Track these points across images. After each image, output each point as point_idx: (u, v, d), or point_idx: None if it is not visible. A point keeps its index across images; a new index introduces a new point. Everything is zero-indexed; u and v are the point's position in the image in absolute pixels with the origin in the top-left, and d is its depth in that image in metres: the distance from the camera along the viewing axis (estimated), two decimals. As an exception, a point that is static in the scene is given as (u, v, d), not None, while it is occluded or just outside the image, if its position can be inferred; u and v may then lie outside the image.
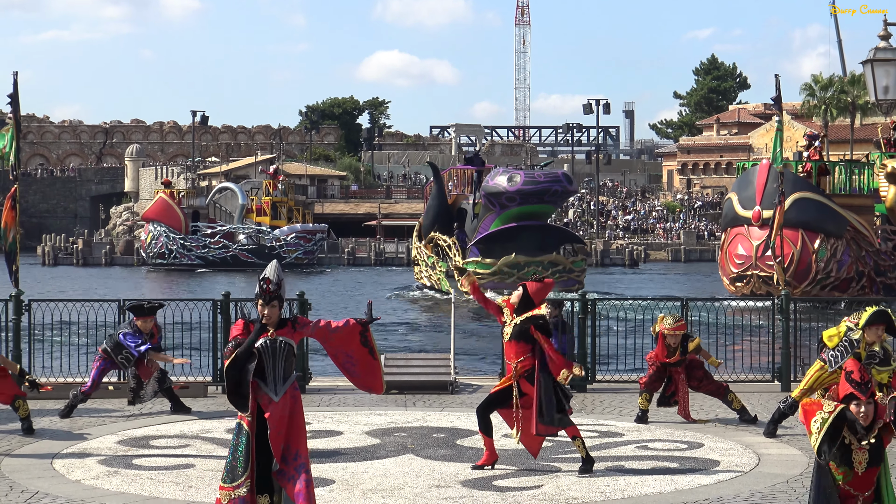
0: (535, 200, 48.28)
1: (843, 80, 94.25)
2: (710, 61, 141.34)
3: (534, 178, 49.06)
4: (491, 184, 48.91)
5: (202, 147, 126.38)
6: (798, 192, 41.02)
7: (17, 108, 16.96)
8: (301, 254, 76.79)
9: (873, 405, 7.42)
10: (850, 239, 42.32)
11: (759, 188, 41.88)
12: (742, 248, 42.72)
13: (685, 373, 14.22)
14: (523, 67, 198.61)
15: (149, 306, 14.78)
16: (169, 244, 76.58)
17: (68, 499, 10.21)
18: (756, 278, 41.93)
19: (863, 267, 42.26)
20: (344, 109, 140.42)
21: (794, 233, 41.03)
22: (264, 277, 8.67)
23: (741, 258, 42.66)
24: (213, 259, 76.62)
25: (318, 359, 25.18)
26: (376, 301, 51.07)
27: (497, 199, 48.52)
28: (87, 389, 14.55)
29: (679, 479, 11.07)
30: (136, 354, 14.33)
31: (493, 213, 49.17)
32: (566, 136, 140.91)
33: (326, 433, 13.23)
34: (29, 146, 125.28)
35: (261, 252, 76.35)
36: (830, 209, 41.75)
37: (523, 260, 47.67)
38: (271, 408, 8.48)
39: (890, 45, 14.72)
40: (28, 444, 12.68)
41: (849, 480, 7.48)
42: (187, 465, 11.64)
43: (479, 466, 11.48)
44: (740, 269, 42.64)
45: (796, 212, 40.43)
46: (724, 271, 44.72)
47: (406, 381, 16.79)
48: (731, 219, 43.80)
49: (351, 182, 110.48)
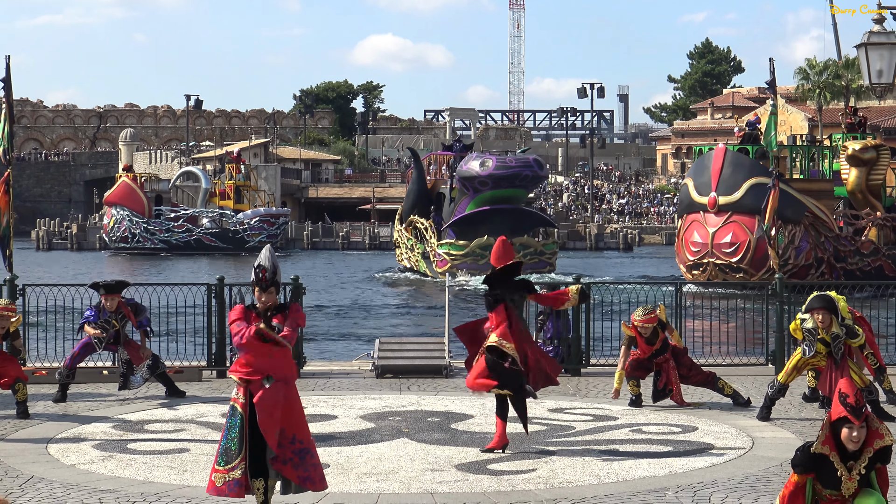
0: (506, 185, 50.06)
1: (838, 64, 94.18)
2: (705, 45, 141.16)
3: (505, 163, 50.93)
4: (464, 168, 50.80)
5: (196, 131, 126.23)
6: (754, 177, 40.32)
7: (9, 93, 16.90)
8: (265, 237, 76.89)
9: (865, 429, 7.37)
10: (808, 225, 41.41)
11: (715, 174, 41.21)
12: (698, 235, 41.87)
13: (673, 359, 14.12)
14: (517, 51, 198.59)
15: (108, 283, 14.78)
16: (132, 228, 76.61)
17: (63, 483, 10.22)
18: (712, 266, 41.21)
19: (822, 253, 41.30)
20: (338, 93, 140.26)
21: (751, 219, 40.16)
22: (259, 265, 8.63)
23: (697, 245, 41.85)
24: (177, 243, 76.71)
25: (312, 343, 25.20)
26: (358, 282, 52.51)
27: (470, 183, 50.44)
28: (68, 363, 14.61)
29: (673, 463, 11.09)
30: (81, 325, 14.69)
31: (467, 196, 51.09)
32: (560, 119, 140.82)
33: (321, 417, 13.24)
34: (23, 130, 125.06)
35: (224, 236, 76.77)
36: (788, 194, 40.04)
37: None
38: (261, 393, 8.48)
39: (884, 28, 14.72)
40: (22, 429, 12.68)
41: (835, 499, 7.47)
42: (182, 449, 11.64)
43: (489, 450, 11.50)
44: (696, 257, 41.86)
45: (753, 198, 39.18)
46: (680, 259, 43.96)
47: (400, 366, 16.80)
48: (687, 205, 43.00)
49: (345, 166, 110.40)
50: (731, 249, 40.87)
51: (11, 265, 17.04)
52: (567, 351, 16.89)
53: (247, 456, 8.47)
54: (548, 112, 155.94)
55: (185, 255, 72.83)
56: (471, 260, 49.97)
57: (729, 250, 40.92)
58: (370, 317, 36.74)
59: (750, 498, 9.75)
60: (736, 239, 40.83)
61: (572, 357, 16.88)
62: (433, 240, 52.50)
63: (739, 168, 41.04)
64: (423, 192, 55.05)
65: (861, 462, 7.38)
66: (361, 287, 50.00)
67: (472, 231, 50.61)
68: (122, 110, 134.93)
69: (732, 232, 40.92)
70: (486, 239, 48.56)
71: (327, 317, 35.67)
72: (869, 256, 42.31)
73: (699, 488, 10.09)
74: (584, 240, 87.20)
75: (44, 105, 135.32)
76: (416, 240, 54.60)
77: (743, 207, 40.39)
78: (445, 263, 50.75)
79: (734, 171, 40.94)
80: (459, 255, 50.62)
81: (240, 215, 78.01)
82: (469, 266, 49.33)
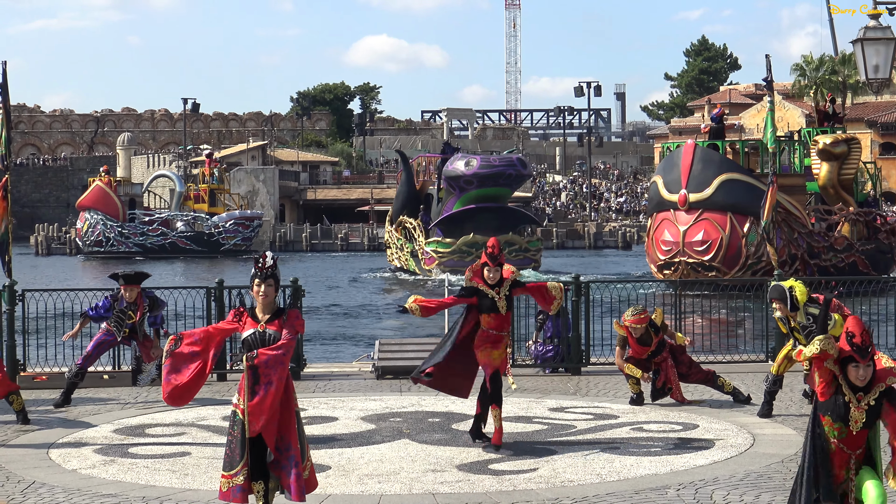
0: (490, 183, 51.69)
1: (834, 60, 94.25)
2: (701, 42, 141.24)
3: (489, 163, 52.97)
4: (450, 168, 52.32)
5: (194, 134, 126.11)
6: (725, 173, 39.55)
7: (6, 98, 16.89)
8: (239, 240, 77.45)
9: (871, 368, 7.49)
10: (781, 221, 38.76)
11: (685, 170, 40.04)
12: (669, 233, 40.66)
13: (671, 357, 14.11)
14: (514, 51, 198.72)
15: (127, 273, 14.79)
16: (106, 232, 76.52)
17: (65, 488, 10.22)
18: (684, 265, 39.99)
19: (795, 250, 39.93)
20: (335, 95, 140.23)
21: (723, 216, 39.48)
22: (260, 254, 8.58)
23: (668, 244, 40.64)
24: (152, 246, 76.70)
25: (312, 345, 25.21)
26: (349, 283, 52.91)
27: (456, 182, 51.97)
28: (81, 362, 14.54)
29: (674, 460, 11.10)
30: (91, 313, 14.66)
31: (454, 196, 52.67)
32: (557, 119, 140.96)
33: (322, 419, 13.24)
34: (20, 136, 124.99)
35: (199, 239, 76.96)
36: (760, 190, 38.21)
37: (481, 239, 49.91)
38: (257, 398, 8.45)
39: (880, 23, 14.71)
40: (24, 434, 12.68)
41: (842, 438, 7.56)
42: (183, 453, 11.64)
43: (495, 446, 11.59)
44: (668, 256, 40.62)
45: (724, 194, 39.07)
46: (651, 258, 42.79)
47: (401, 367, 16.79)
48: (657, 203, 41.75)
49: (343, 168, 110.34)
50: (703, 248, 39.80)
51: (10, 271, 17.04)
52: (567, 350, 16.90)
53: (248, 461, 8.44)
54: (545, 111, 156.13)
55: (159, 259, 72.66)
56: (457, 257, 51.12)
57: (701, 248, 39.84)
58: (361, 316, 36.82)
59: (751, 495, 9.75)
60: (708, 237, 39.76)
61: (572, 356, 16.89)
62: (421, 238, 54.08)
63: (710, 164, 40.00)
64: (412, 194, 56.77)
65: (871, 395, 7.51)
66: (344, 287, 50.00)
67: (458, 229, 52.21)
68: (120, 114, 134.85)
69: (704, 230, 39.84)
70: (473, 236, 50.82)
71: (321, 318, 35.67)
72: (842, 252, 41.18)
73: (701, 486, 10.10)
74: (582, 238, 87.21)
75: (41, 110, 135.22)
76: (405, 239, 56.13)
77: (714, 204, 39.49)
78: (433, 261, 52.57)
79: (704, 168, 39.86)
80: (446, 252, 52.12)
81: (215, 218, 78.26)
82: (455, 263, 50.20)
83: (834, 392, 7.56)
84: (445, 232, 52.96)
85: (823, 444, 7.58)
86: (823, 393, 7.57)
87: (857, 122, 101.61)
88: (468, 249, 50.58)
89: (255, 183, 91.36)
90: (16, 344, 16.30)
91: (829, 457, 7.58)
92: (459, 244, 51.72)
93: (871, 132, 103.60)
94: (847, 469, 7.63)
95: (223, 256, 74.57)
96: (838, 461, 7.62)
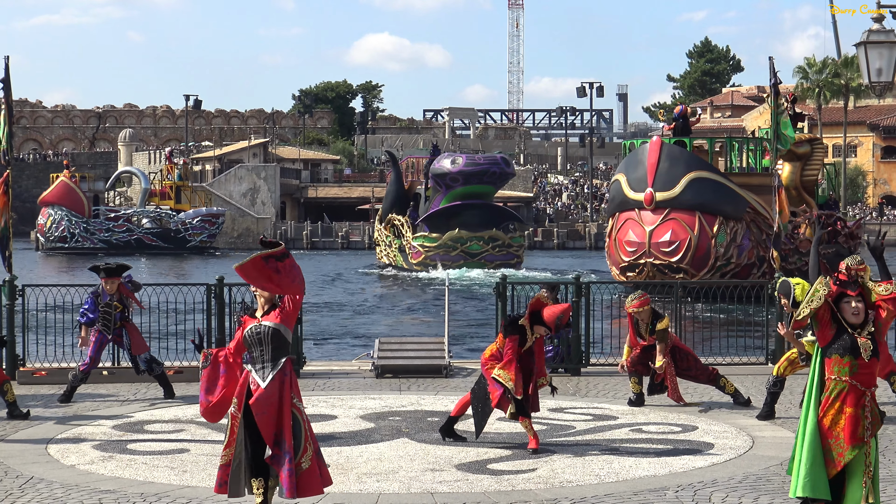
0: (475, 181, 54.00)
1: (837, 63, 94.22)
2: (704, 44, 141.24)
3: (474, 161, 55.52)
4: (437, 166, 54.78)
5: (195, 131, 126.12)
6: (694, 171, 37.93)
7: (9, 94, 16.91)
8: (206, 237, 78.08)
9: (863, 301, 7.80)
10: (749, 221, 38.65)
11: (651, 168, 38.24)
12: (633, 234, 38.89)
13: (669, 357, 14.06)
14: (517, 50, 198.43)
15: (109, 266, 14.78)
16: (71, 228, 76.57)
17: (63, 484, 10.21)
18: (650, 266, 38.32)
19: (764, 252, 38.15)
20: (337, 93, 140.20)
21: (691, 216, 37.91)
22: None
23: (633, 245, 38.84)
24: (117, 242, 76.80)
25: (312, 343, 25.19)
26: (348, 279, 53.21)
27: (442, 179, 54.33)
28: (85, 367, 14.53)
29: (673, 462, 11.09)
30: (83, 320, 14.60)
31: (440, 193, 54.98)
32: (560, 119, 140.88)
33: (321, 417, 13.24)
34: (21, 131, 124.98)
35: (166, 235, 77.17)
36: (728, 189, 38.08)
37: (466, 235, 54.36)
38: (257, 393, 8.48)
39: (883, 27, 14.69)
40: (22, 430, 12.67)
41: (855, 373, 7.75)
42: (182, 449, 11.64)
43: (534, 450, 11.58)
44: (632, 258, 38.88)
45: (693, 193, 37.54)
46: (612, 260, 40.83)
47: (400, 366, 16.80)
48: (620, 203, 39.87)
49: (344, 166, 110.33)
50: (671, 248, 38.12)
51: (11, 266, 17.03)
52: (567, 350, 16.89)
53: (231, 445, 8.51)
54: (547, 111, 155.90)
55: (124, 255, 72.54)
56: (443, 251, 54.38)
57: (668, 249, 38.15)
58: (354, 313, 36.82)
59: (750, 497, 9.74)
60: (676, 237, 38.08)
61: (572, 356, 16.88)
62: (409, 234, 56.44)
63: (677, 162, 38.30)
64: (401, 193, 59.13)
65: (868, 327, 7.84)
66: (328, 285, 50.04)
67: (444, 224, 54.66)
68: (121, 110, 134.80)
69: (672, 230, 38.16)
70: (458, 232, 54.14)
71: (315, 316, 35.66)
72: (806, 255, 38.36)
73: (699, 488, 10.09)
74: (583, 239, 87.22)
75: (43, 105, 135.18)
76: (393, 236, 58.42)
77: (682, 203, 37.86)
78: (419, 255, 55.30)
79: (672, 166, 38.14)
80: (433, 246, 54.79)
81: (181, 215, 78.80)
82: (441, 257, 53.99)
83: (835, 333, 7.82)
84: (432, 227, 55.25)
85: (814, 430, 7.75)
86: (825, 336, 7.74)
87: (860, 125, 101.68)
88: (453, 244, 54.16)
89: (257, 180, 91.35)
90: (16, 339, 16.30)
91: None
92: (445, 239, 54.27)
93: (874, 135, 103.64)
94: (863, 408, 7.82)
95: (189, 253, 74.88)
96: (852, 400, 7.78)
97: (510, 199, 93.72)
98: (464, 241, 54.61)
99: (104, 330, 14.57)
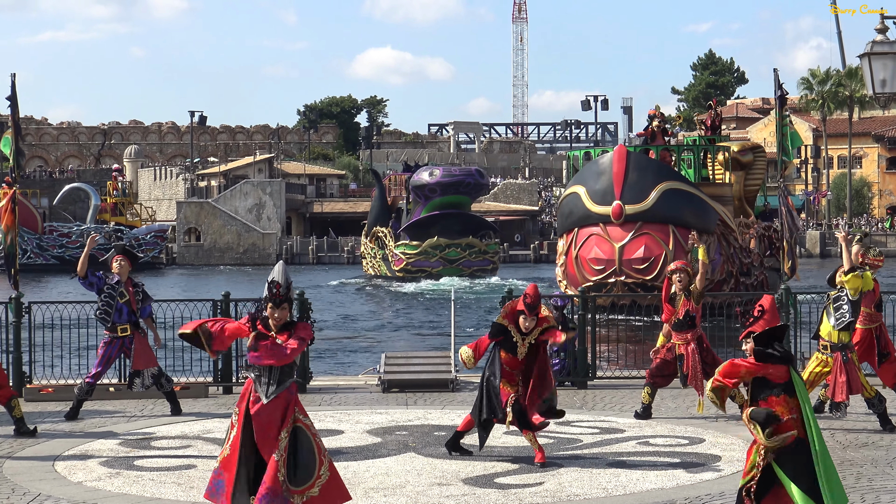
0: (452, 191, 58.41)
1: (841, 74, 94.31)
2: (708, 56, 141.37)
3: (450, 172, 60.14)
4: (416, 178, 59.43)
5: (201, 147, 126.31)
6: (665, 181, 34.79)
7: (16, 111, 16.95)
8: (157, 253, 79.23)
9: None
10: (720, 235, 35.84)
11: (618, 179, 34.64)
12: (600, 250, 35.08)
13: (695, 344, 14.03)
14: (521, 64, 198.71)
15: (125, 245, 14.80)
16: (23, 244, 76.41)
17: (70, 500, 10.22)
18: (621, 285, 34.32)
19: (731, 266, 36.06)
20: (342, 108, 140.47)
21: (664, 229, 34.51)
22: (273, 280, 8.56)
23: (600, 263, 35.03)
24: (70, 258, 76.44)
25: (319, 358, 25.18)
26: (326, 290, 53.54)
27: (421, 191, 58.92)
28: (90, 379, 14.46)
29: (681, 475, 11.08)
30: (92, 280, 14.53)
31: (420, 204, 59.46)
32: (564, 132, 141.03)
33: (328, 432, 13.23)
34: (27, 148, 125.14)
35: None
36: (700, 201, 35.17)
37: (444, 242, 58.90)
38: (258, 408, 8.50)
39: (887, 38, 14.70)
40: (29, 447, 12.68)
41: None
42: (189, 465, 11.64)
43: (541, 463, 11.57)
44: (599, 276, 34.94)
45: (665, 205, 34.34)
46: (571, 280, 36.03)
47: (407, 380, 16.79)
48: (581, 217, 35.77)
49: (350, 181, 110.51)
50: (645, 266, 34.51)
51: (17, 283, 17.06)
52: (573, 363, 16.88)
53: (226, 451, 8.55)
54: (552, 125, 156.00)
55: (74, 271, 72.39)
56: (423, 258, 59.04)
57: (642, 267, 34.54)
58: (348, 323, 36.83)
59: (758, 509, 9.71)
60: (650, 253, 34.51)
61: (578, 369, 16.87)
62: (391, 243, 61.17)
63: (646, 172, 34.92)
64: (385, 207, 64.31)
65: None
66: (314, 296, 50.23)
67: (424, 233, 59.16)
68: (127, 127, 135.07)
69: (645, 245, 34.62)
70: (437, 240, 58.71)
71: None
72: (757, 270, 37.53)
73: (707, 500, 10.07)
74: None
75: (48, 122, 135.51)
76: (377, 248, 63.33)
77: (654, 217, 34.47)
78: (401, 262, 59.68)
79: (641, 176, 34.72)
80: (414, 253, 59.30)
81: (135, 231, 79.56)
82: (421, 263, 58.85)
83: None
84: (412, 236, 59.71)
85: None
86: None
87: (865, 136, 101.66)
88: (433, 251, 59.02)
89: (262, 196, 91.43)
90: (22, 356, 16.31)
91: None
92: (425, 246, 58.93)
93: (878, 146, 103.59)
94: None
95: (141, 268, 74.94)
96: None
97: (515, 212, 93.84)
98: (442, 248, 58.96)
99: (104, 313, 14.40)
